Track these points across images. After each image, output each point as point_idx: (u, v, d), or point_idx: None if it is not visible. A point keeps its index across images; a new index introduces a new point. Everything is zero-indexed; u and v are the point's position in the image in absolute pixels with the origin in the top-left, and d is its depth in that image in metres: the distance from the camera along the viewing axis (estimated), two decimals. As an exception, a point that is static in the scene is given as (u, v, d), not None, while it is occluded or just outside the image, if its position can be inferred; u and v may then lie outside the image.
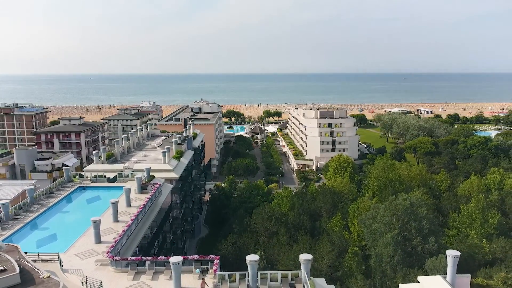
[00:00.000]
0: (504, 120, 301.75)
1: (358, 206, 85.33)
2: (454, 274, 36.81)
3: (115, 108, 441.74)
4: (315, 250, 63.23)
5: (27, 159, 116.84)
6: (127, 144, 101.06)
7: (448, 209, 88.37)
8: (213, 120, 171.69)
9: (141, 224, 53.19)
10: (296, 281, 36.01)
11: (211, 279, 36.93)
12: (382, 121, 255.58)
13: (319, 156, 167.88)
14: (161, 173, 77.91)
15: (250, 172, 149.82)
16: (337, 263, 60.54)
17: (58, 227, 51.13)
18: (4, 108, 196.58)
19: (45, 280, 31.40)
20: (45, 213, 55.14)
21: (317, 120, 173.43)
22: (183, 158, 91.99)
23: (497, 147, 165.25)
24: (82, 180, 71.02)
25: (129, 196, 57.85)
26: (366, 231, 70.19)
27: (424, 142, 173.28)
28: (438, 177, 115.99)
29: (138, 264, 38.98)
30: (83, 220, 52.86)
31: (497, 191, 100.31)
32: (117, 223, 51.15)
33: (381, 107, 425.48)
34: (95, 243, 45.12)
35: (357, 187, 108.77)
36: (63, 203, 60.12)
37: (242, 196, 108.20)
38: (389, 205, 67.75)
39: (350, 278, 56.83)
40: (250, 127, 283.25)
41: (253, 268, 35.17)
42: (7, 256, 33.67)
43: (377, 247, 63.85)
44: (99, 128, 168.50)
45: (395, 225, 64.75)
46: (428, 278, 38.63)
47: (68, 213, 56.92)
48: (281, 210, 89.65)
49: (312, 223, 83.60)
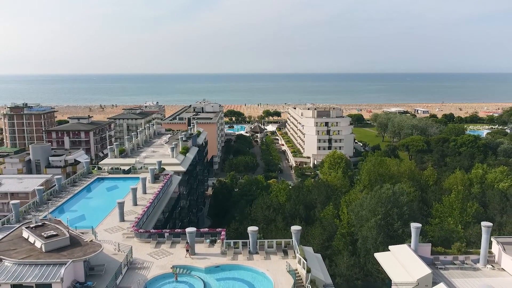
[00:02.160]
0: (498, 119, 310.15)
1: (349, 197, 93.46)
2: (417, 242, 45.15)
3: (117, 108, 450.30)
4: (308, 233, 71.37)
5: (42, 155, 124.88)
6: (136, 141, 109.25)
7: (433, 201, 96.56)
8: (215, 119, 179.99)
9: (157, 207, 61.44)
10: (288, 248, 44.30)
11: (219, 247, 45.14)
12: (378, 121, 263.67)
13: (316, 154, 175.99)
14: (170, 166, 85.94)
15: (250, 168, 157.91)
16: (327, 244, 68.76)
17: (85, 210, 59.27)
18: (14, 107, 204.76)
19: (89, 243, 39.58)
20: (72, 199, 63.40)
21: (314, 119, 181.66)
22: (188, 154, 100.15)
23: (486, 145, 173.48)
24: (100, 172, 79.26)
25: (145, 184, 66.16)
26: (354, 217, 78.39)
27: (416, 140, 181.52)
28: (426, 172, 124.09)
29: (159, 235, 47.28)
30: (105, 204, 61.11)
31: (478, 184, 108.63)
32: (136, 206, 59.33)
33: (379, 107, 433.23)
34: (120, 221, 53.32)
35: (349, 181, 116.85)
36: (86, 191, 68.40)
37: (243, 190, 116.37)
38: (374, 194, 76.08)
39: (338, 255, 64.97)
40: (250, 126, 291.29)
41: (253, 236, 43.46)
42: (56, 226, 41.88)
43: (363, 231, 72.13)
44: (106, 126, 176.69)
45: (379, 211, 72.98)
46: (397, 246, 46.97)
47: (92, 199, 65.21)
48: (279, 201, 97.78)
49: (307, 213, 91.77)
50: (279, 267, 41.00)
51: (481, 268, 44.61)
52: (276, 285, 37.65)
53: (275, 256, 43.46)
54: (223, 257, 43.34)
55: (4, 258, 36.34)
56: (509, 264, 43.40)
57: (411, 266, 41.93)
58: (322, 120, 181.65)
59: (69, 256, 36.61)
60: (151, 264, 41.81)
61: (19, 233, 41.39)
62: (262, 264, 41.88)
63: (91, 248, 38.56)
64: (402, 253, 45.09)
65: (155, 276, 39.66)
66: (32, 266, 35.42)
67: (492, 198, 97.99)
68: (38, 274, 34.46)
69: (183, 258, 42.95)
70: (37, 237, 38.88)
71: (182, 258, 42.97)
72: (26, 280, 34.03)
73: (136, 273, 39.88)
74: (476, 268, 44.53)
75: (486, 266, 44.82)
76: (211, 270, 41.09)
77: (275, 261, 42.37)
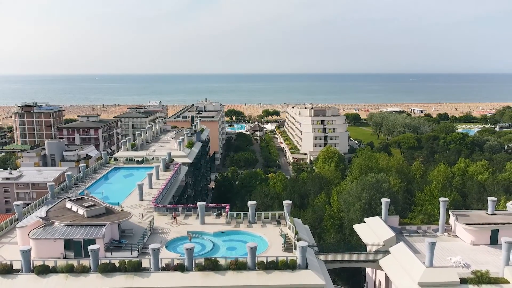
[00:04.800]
0: (491, 119, 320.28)
1: (341, 188, 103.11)
2: (386, 215, 54.96)
3: (119, 108, 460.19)
4: (300, 215, 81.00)
5: (57, 150, 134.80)
6: (145, 137, 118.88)
7: (416, 191, 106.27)
8: (217, 117, 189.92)
9: (169, 191, 71.07)
10: (281, 218, 53.93)
11: (224, 218, 54.82)
12: (373, 120, 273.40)
13: (313, 150, 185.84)
14: (177, 158, 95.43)
15: (250, 163, 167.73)
16: (316, 224, 78.44)
17: (107, 192, 68.59)
18: (25, 106, 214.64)
19: (120, 211, 49.24)
20: (95, 183, 73.08)
21: (311, 118, 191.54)
22: (194, 148, 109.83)
23: (473, 142, 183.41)
24: (116, 162, 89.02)
25: (158, 171, 75.89)
26: (343, 203, 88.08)
27: (407, 138, 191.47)
28: (413, 166, 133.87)
29: (174, 209, 56.94)
30: (124, 188, 70.77)
31: (460, 176, 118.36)
32: (151, 189, 68.93)
33: (377, 107, 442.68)
34: (139, 200, 62.96)
35: (341, 174, 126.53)
36: (106, 177, 78.11)
37: (243, 182, 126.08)
38: (359, 182, 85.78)
39: (326, 233, 74.67)
40: (250, 125, 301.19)
41: (252, 208, 53.21)
42: (93, 198, 51.56)
43: (350, 213, 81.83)
44: (113, 124, 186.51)
45: (364, 196, 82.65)
46: (370, 218, 56.84)
47: (112, 184, 74.90)
48: (276, 190, 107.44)
49: (301, 201, 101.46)
50: (273, 232, 50.67)
51: (439, 235, 54.31)
52: (271, 245, 47.28)
53: (270, 225, 53.14)
54: (228, 225, 53.08)
55: (56, 221, 46.03)
56: (461, 231, 53.06)
57: (380, 232, 51.67)
58: (318, 119, 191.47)
59: (106, 220, 46.32)
60: (169, 230, 51.49)
61: (63, 205, 51.06)
62: (259, 230, 51.56)
63: (122, 215, 48.31)
64: (374, 223, 54.88)
65: (173, 238, 49.34)
66: (78, 227, 45.12)
67: (470, 188, 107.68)
68: (84, 232, 44.17)
69: (196, 226, 52.69)
70: (79, 206, 48.55)
71: (195, 226, 52.71)
72: (75, 236, 43.72)
73: (158, 236, 49.53)
74: (435, 236, 54.20)
75: (444, 234, 54.53)
76: (218, 235, 50.82)
77: (270, 228, 52.05)
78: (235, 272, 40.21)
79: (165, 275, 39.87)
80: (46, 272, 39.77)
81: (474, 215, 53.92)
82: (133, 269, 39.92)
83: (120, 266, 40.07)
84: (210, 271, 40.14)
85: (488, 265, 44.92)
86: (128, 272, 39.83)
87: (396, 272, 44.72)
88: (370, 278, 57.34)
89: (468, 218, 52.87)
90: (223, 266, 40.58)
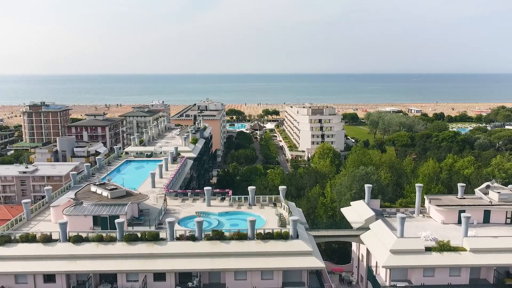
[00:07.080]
0: (486, 118, 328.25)
1: (335, 181, 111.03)
2: (369, 198, 62.95)
3: (122, 107, 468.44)
4: (296, 204, 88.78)
5: (67, 146, 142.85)
6: (152, 134, 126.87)
7: (405, 184, 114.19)
8: (218, 116, 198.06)
9: (178, 180, 79.04)
10: (277, 201, 61.94)
11: (227, 201, 62.83)
12: (370, 119, 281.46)
13: (310, 148, 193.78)
14: (183, 153, 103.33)
15: (250, 160, 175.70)
16: (310, 211, 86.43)
17: (122, 181, 76.66)
18: (33, 106, 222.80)
19: (138, 194, 57.22)
20: (110, 174, 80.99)
21: (309, 117, 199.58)
22: (197, 144, 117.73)
23: (464, 140, 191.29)
24: (127, 156, 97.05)
25: (166, 164, 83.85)
26: (335, 194, 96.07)
27: (401, 136, 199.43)
28: (404, 162, 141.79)
29: (183, 194, 64.99)
30: (136, 178, 78.71)
31: (447, 171, 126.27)
32: (161, 178, 76.92)
33: (375, 107, 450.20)
34: (152, 187, 70.92)
35: (336, 168, 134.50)
36: (119, 169, 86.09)
37: (244, 176, 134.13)
38: (350, 173, 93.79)
39: (318, 219, 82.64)
40: (250, 124, 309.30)
41: (252, 192, 61.25)
42: (114, 183, 59.53)
43: (341, 203, 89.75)
44: (119, 123, 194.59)
45: (354, 187, 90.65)
46: (355, 201, 64.85)
47: (125, 174, 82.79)
48: (274, 183, 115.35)
49: (297, 193, 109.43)
50: (270, 212, 58.71)
51: (415, 217, 62.32)
52: (267, 222, 55.25)
53: (267, 207, 61.22)
54: (231, 207, 61.14)
55: (84, 201, 54.01)
56: (434, 213, 61.04)
57: (362, 212, 59.70)
58: (315, 117, 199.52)
59: (127, 200, 54.30)
60: (180, 211, 59.56)
61: (88, 189, 59.08)
62: (258, 211, 59.58)
63: (141, 196, 56.40)
64: (358, 205, 62.98)
65: (184, 217, 57.36)
66: (104, 205, 53.13)
67: (456, 182, 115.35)
68: (109, 210, 52.18)
69: (203, 208, 60.73)
70: (103, 189, 56.55)
71: (202, 208, 60.74)
72: (102, 213, 51.70)
73: (171, 215, 57.46)
74: (411, 217, 62.19)
75: (419, 215, 62.51)
76: (222, 214, 58.97)
77: (267, 209, 60.13)
78: (237, 241, 48.20)
79: (179, 243, 47.89)
80: (80, 241, 47.77)
81: (446, 199, 61.92)
82: (153, 239, 47.93)
83: (142, 236, 48.09)
84: (217, 241, 48.16)
85: (453, 240, 52.74)
86: (149, 241, 47.85)
87: (374, 244, 52.72)
88: (355, 254, 65.36)
89: (439, 201, 60.86)
90: (228, 236, 48.57)
